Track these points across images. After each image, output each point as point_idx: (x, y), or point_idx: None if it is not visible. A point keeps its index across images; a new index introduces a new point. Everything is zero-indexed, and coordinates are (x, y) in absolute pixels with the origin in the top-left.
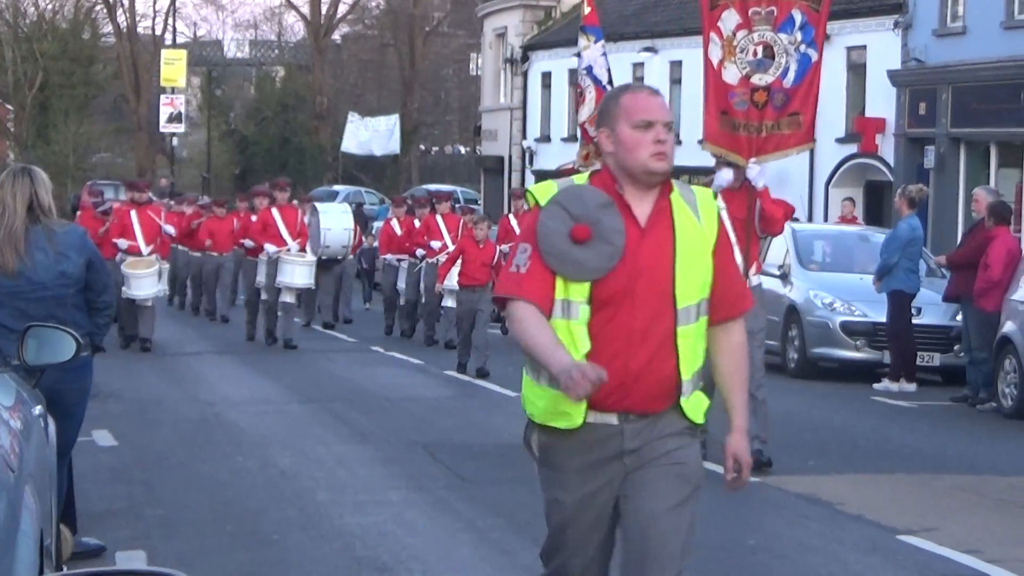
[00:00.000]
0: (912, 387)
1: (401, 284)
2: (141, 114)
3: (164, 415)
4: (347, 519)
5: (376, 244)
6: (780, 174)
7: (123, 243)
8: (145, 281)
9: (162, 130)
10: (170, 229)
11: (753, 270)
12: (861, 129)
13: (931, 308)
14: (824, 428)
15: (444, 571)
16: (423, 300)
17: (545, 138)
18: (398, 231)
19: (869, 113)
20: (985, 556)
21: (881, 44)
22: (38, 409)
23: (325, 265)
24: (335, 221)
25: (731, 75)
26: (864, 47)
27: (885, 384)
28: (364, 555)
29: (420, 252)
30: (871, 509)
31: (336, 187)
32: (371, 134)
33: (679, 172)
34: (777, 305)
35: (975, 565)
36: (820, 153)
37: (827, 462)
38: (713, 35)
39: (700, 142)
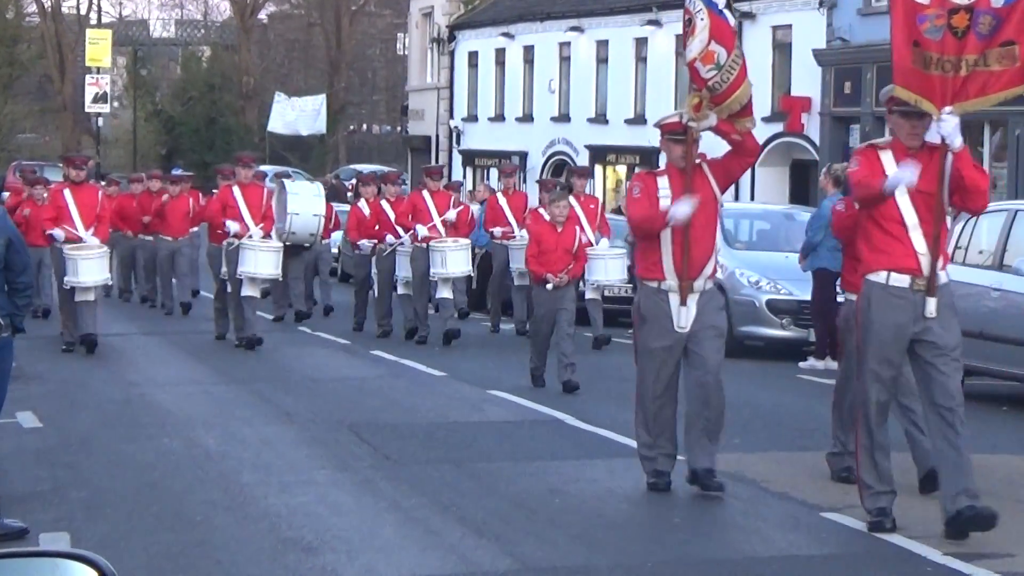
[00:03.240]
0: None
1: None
2: (66, 94)
3: (89, 396)
4: (272, 500)
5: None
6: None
7: (59, 233)
8: (92, 264)
9: (87, 110)
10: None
11: (941, 263)
12: (787, 108)
13: None
14: (750, 406)
15: (369, 551)
16: (400, 292)
17: (472, 118)
18: (367, 213)
19: (795, 92)
20: (907, 533)
21: (806, 23)
22: None
23: (293, 250)
24: (304, 205)
25: None
26: (789, 26)
27: (811, 362)
28: (289, 535)
29: (390, 239)
30: (795, 487)
31: (263, 167)
32: (297, 114)
33: (606, 152)
34: None
35: (897, 542)
36: None
37: (752, 440)
38: None
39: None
